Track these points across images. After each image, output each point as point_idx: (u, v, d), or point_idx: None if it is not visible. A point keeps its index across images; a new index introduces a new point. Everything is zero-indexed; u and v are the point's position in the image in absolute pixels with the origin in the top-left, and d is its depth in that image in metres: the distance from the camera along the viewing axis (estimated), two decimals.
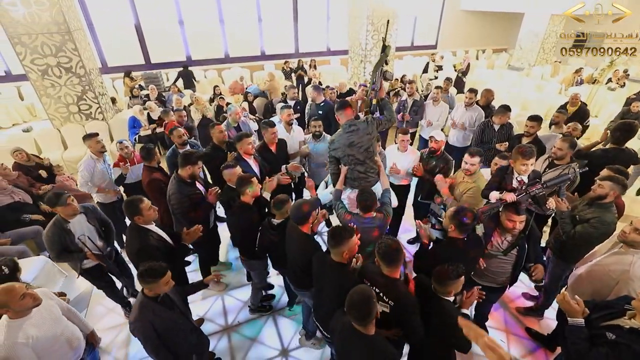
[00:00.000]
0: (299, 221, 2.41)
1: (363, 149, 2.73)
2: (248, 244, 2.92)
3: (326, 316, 2.18)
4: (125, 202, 2.55)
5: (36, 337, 1.99)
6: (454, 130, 5.14)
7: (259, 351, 3.09)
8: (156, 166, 3.65)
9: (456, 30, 14.84)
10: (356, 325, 1.72)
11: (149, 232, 2.57)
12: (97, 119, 6.63)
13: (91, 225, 2.90)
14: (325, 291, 2.22)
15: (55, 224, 2.71)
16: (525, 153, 2.82)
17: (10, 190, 3.93)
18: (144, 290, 2.05)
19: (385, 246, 2.00)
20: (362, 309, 1.66)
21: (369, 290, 1.73)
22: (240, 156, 3.51)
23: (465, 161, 3.21)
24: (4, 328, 1.94)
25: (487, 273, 2.65)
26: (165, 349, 2.09)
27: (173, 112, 5.51)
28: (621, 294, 2.12)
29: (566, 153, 3.31)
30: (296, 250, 2.50)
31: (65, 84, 6.06)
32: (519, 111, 7.66)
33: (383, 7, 8.38)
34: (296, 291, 2.91)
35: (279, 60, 11.91)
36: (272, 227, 2.70)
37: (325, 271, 2.20)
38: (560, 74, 11.06)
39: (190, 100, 7.60)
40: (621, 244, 2.26)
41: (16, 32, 5.42)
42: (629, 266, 2.13)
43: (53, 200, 2.68)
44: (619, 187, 2.61)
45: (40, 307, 2.04)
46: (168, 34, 10.76)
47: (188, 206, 3.05)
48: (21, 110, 9.30)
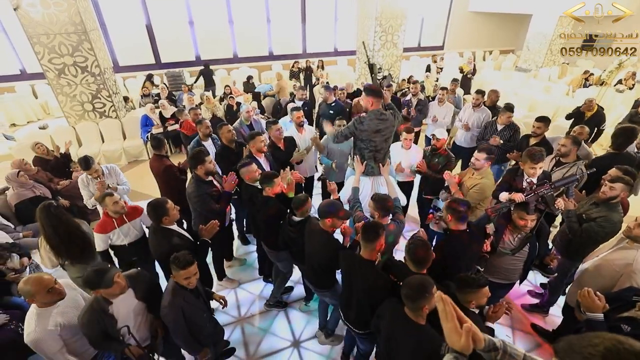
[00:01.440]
0: (323, 215, 2.44)
1: (385, 137, 2.95)
2: (273, 236, 2.98)
3: (359, 312, 2.24)
4: (152, 206, 2.55)
5: (62, 325, 2.09)
6: (461, 131, 5.21)
7: (271, 342, 3.19)
8: (165, 154, 3.86)
9: (463, 31, 14.84)
10: (409, 313, 1.76)
11: (173, 233, 2.63)
12: (111, 117, 6.80)
13: (139, 302, 2.27)
14: (355, 288, 2.24)
15: (94, 307, 2.08)
16: (534, 157, 2.88)
17: (32, 185, 4.08)
18: (175, 277, 2.16)
19: (414, 247, 2.07)
20: (417, 296, 1.69)
21: (428, 279, 1.76)
22: (251, 154, 3.61)
23: (474, 156, 3.32)
24: (34, 316, 2.05)
25: (500, 270, 2.71)
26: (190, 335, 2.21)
27: (188, 112, 5.67)
28: (624, 286, 2.19)
29: (570, 149, 3.37)
30: (317, 247, 2.54)
31: (81, 83, 6.23)
32: (526, 112, 7.70)
33: (391, 8, 8.46)
34: (316, 292, 2.91)
35: (287, 60, 12.04)
36: (290, 224, 2.77)
37: (354, 269, 2.23)
38: (568, 76, 11.04)
39: (200, 100, 7.74)
40: (627, 239, 2.33)
41: (35, 32, 5.59)
42: (632, 260, 2.21)
43: (94, 280, 2.03)
44: (628, 188, 2.68)
45: (65, 297, 2.13)
46: (178, 34, 10.94)
47: (209, 203, 3.12)
48: (35, 108, 9.53)
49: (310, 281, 2.85)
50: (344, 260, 2.35)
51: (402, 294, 1.77)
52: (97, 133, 6.71)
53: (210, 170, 3.20)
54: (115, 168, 3.68)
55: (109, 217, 2.82)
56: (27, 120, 9.18)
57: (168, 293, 2.16)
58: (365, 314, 2.20)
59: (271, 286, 3.74)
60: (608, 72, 8.62)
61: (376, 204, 2.55)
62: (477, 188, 3.17)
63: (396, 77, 9.54)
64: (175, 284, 2.16)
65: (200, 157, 3.12)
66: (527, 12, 12.01)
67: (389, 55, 9.13)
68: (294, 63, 10.59)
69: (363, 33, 9.15)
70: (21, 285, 2.01)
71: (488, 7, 13.63)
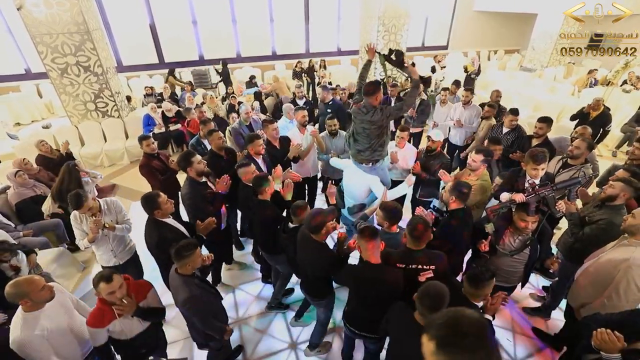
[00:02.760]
0: (312, 230, 2.37)
1: (376, 126, 3.11)
2: (269, 239, 2.96)
3: (371, 317, 2.26)
4: (144, 199, 2.61)
5: (50, 329, 2.06)
6: (454, 130, 5.17)
7: (268, 343, 3.17)
8: (152, 153, 3.93)
9: (468, 30, 14.72)
10: (419, 318, 1.76)
11: (166, 226, 2.67)
12: (113, 117, 6.83)
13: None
14: (370, 297, 2.23)
15: None
16: (536, 158, 2.86)
17: (32, 184, 4.11)
18: (178, 270, 2.20)
19: (415, 223, 2.20)
20: (436, 302, 1.69)
21: (444, 287, 1.76)
22: (249, 156, 3.59)
23: (470, 157, 3.32)
24: (20, 321, 2.00)
25: (500, 272, 2.67)
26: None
27: (193, 110, 5.73)
28: (621, 282, 2.17)
29: (582, 153, 3.31)
30: (310, 259, 2.49)
31: (84, 82, 6.26)
32: (530, 112, 7.62)
33: (394, 8, 8.41)
34: (311, 302, 2.85)
35: (290, 60, 12.02)
36: (284, 230, 2.75)
37: (363, 280, 2.20)
38: (574, 76, 10.90)
39: (202, 99, 7.75)
40: (626, 237, 2.30)
41: (38, 31, 5.62)
42: (629, 256, 2.18)
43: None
44: (632, 190, 2.61)
45: (53, 300, 2.10)
46: (182, 34, 10.96)
47: (201, 204, 3.09)
48: (40, 107, 9.59)
49: (305, 291, 2.79)
50: (349, 277, 2.33)
51: (420, 302, 1.74)
52: (99, 132, 6.74)
53: (201, 170, 3.14)
54: (116, 203, 3.06)
55: (105, 305, 2.13)
56: (31, 119, 9.25)
57: (181, 287, 2.17)
58: (378, 318, 2.20)
59: (269, 287, 3.72)
60: (614, 72, 8.51)
61: (385, 214, 2.53)
62: (474, 190, 3.13)
63: (400, 77, 9.49)
64: (183, 277, 2.19)
65: (187, 159, 3.06)
66: (533, 11, 11.89)
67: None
68: (297, 63, 10.57)
69: (366, 32, 9.11)
70: (10, 289, 1.96)
71: (493, 7, 13.51)
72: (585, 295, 2.45)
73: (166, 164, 4.02)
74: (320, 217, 2.34)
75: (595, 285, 2.36)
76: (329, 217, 2.42)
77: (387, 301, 2.08)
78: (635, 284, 2.15)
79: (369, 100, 3.05)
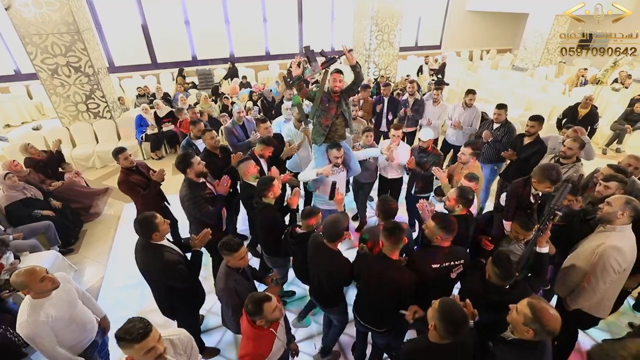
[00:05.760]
0: (332, 238, 2.32)
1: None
2: (270, 242, 2.94)
3: (384, 312, 2.29)
4: (138, 223, 2.32)
5: (55, 317, 2.10)
6: (451, 129, 5.20)
7: None
8: (131, 167, 3.48)
9: (460, 30, 14.83)
10: (441, 338, 1.69)
11: (164, 248, 2.42)
12: (105, 118, 6.76)
13: None
14: (382, 293, 2.21)
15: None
16: (554, 180, 2.68)
17: (22, 187, 4.05)
18: (226, 261, 2.31)
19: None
20: (458, 324, 1.65)
21: (465, 312, 1.72)
22: (252, 154, 3.59)
23: (460, 151, 3.45)
24: (27, 306, 2.07)
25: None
26: None
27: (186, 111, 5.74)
28: (598, 264, 2.24)
29: (575, 153, 3.35)
30: (325, 268, 2.42)
31: (74, 83, 6.19)
32: (522, 111, 7.69)
33: (387, 7, 8.44)
34: (324, 310, 2.78)
35: (284, 60, 11.99)
36: (292, 236, 2.69)
37: (380, 273, 2.19)
38: (565, 75, 11.04)
39: (196, 99, 7.71)
40: (602, 225, 2.37)
41: (27, 32, 5.54)
42: (605, 239, 2.27)
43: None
44: (623, 185, 2.66)
45: (59, 289, 2.15)
46: (174, 34, 10.89)
47: (203, 205, 3.01)
48: (30, 108, 9.46)
49: (316, 299, 2.73)
50: (362, 268, 2.33)
51: (443, 325, 1.66)
52: (91, 134, 6.66)
53: (200, 171, 3.06)
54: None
55: None
56: (21, 120, 9.12)
57: (222, 276, 2.31)
58: (390, 313, 2.24)
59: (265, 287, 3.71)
60: (603, 71, 8.64)
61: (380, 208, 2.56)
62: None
63: (393, 76, 9.53)
64: (227, 268, 2.30)
65: (187, 160, 2.99)
66: (524, 11, 12.03)
67: (385, 54, 9.12)
68: (291, 63, 10.57)
69: (359, 32, 9.13)
70: (13, 278, 2.04)
71: (485, 7, 13.64)
72: (570, 284, 2.50)
73: (147, 177, 3.55)
74: (341, 224, 2.33)
75: (578, 272, 2.43)
76: (346, 224, 2.42)
77: (392, 299, 2.12)
78: (611, 266, 2.22)
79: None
